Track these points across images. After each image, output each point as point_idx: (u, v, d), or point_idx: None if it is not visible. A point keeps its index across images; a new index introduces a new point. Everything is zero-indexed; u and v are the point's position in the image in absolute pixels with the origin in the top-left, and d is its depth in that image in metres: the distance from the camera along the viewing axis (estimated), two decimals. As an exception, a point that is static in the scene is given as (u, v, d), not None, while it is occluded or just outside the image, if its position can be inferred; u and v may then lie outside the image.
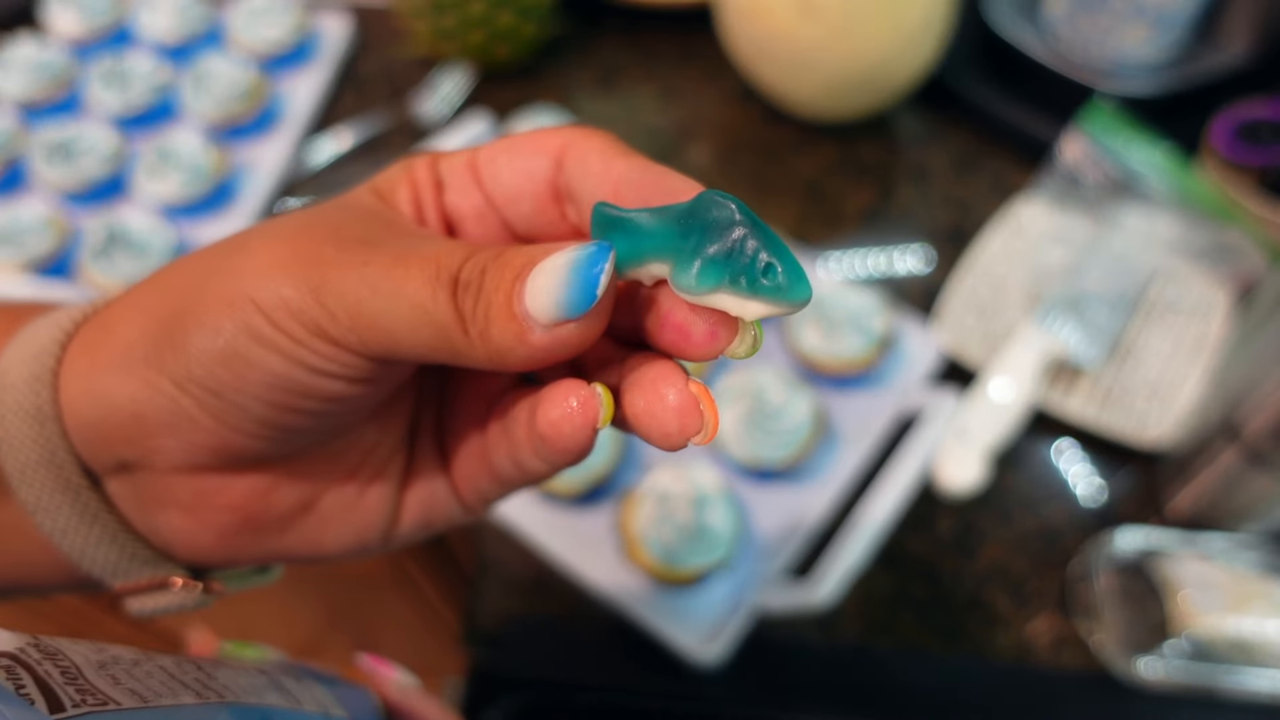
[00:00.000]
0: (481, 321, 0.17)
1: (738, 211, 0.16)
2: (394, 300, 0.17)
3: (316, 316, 0.17)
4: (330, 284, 0.17)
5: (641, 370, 0.17)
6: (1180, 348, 0.53)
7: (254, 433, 0.18)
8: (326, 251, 0.17)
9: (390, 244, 0.18)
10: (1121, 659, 0.42)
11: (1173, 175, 0.55)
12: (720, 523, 0.43)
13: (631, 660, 0.44)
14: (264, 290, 0.17)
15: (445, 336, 0.17)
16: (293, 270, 0.17)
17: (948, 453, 0.48)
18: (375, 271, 0.17)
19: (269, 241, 0.18)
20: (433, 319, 0.17)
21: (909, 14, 0.56)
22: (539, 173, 0.20)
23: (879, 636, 0.44)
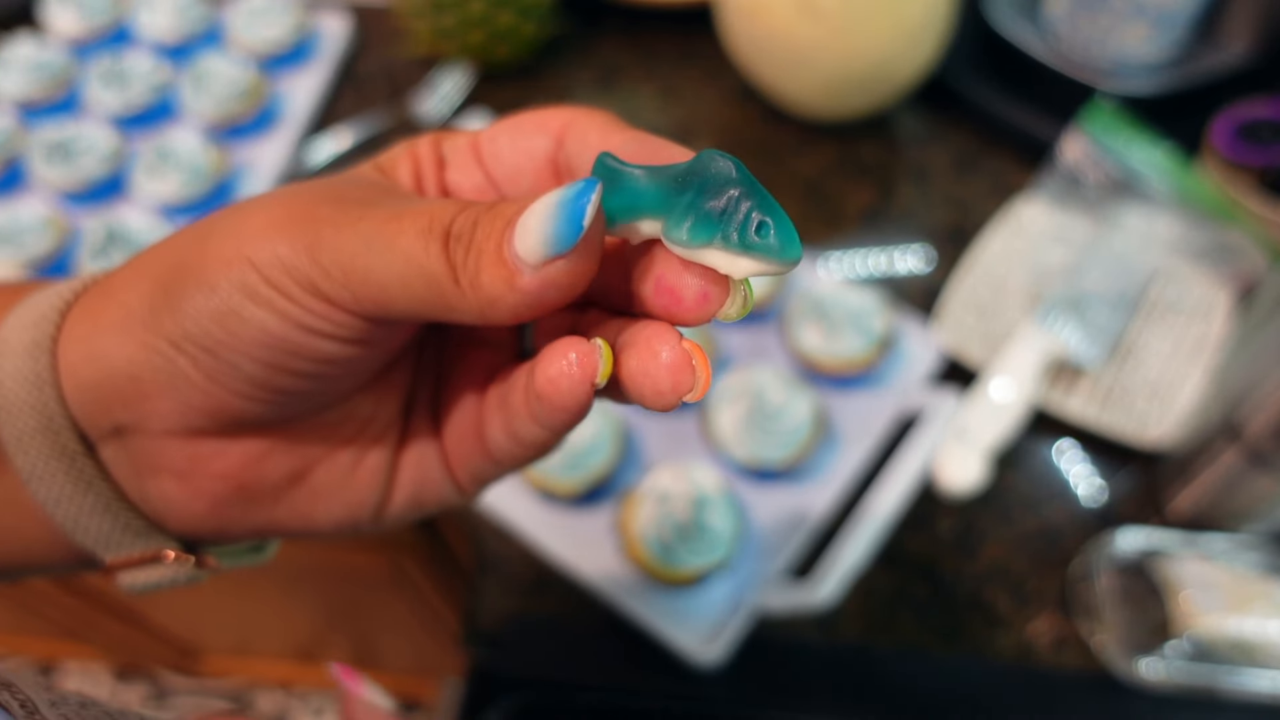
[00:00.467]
0: (472, 270, 0.17)
1: (735, 170, 0.16)
2: (387, 254, 0.17)
3: (311, 273, 0.17)
4: (325, 240, 0.17)
5: (634, 331, 0.18)
6: (1181, 348, 0.52)
7: (248, 394, 0.18)
8: (322, 211, 0.18)
9: (386, 204, 0.18)
10: (1122, 659, 0.42)
11: (1173, 175, 0.55)
12: (720, 523, 0.43)
13: (631, 660, 0.44)
14: (260, 249, 0.17)
15: (437, 288, 0.17)
16: (288, 229, 0.17)
17: (948, 453, 0.48)
18: (369, 226, 0.17)
19: (266, 204, 0.18)
20: (425, 271, 0.17)
21: (909, 13, 0.56)
22: (540, 151, 0.20)
23: (879, 636, 0.44)
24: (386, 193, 0.19)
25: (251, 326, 0.17)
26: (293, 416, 0.20)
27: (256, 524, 0.21)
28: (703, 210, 0.16)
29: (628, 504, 0.46)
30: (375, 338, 0.19)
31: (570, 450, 0.45)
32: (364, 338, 0.18)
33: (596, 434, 0.46)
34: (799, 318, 0.51)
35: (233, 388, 0.18)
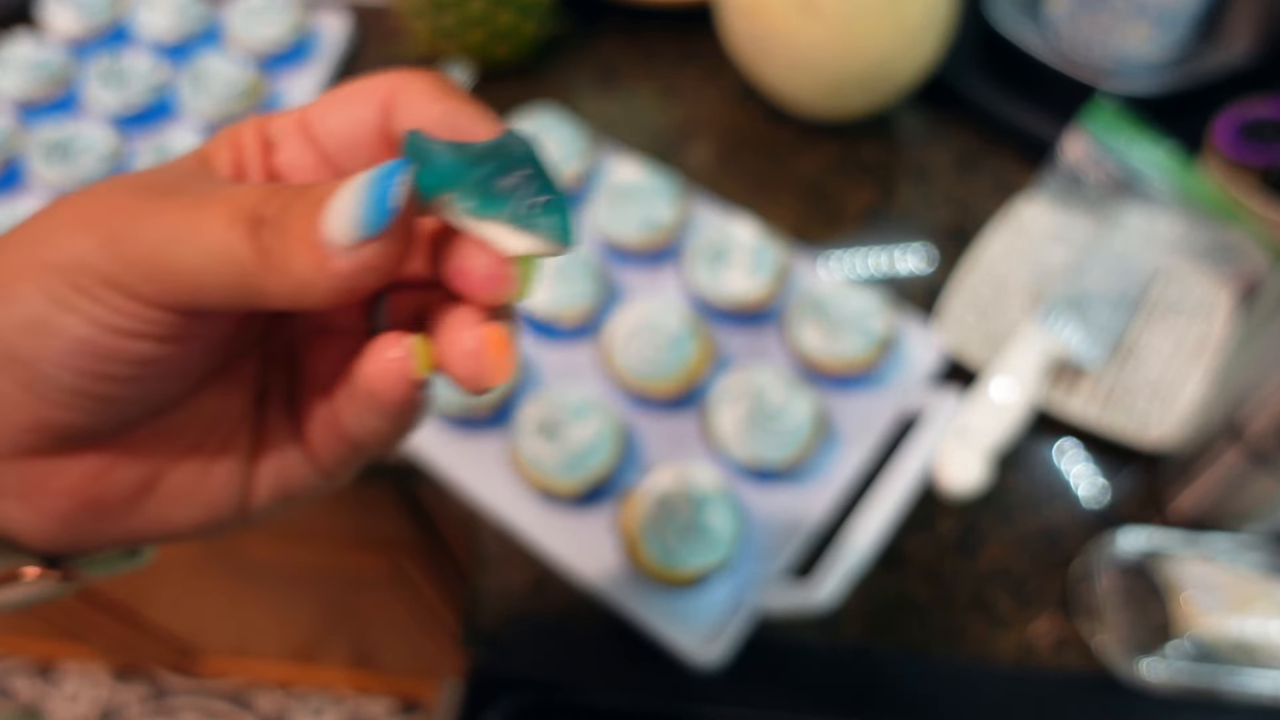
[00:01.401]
0: (281, 255, 0.16)
1: (531, 152, 0.17)
2: (191, 243, 0.16)
3: (113, 270, 0.16)
4: (125, 233, 0.16)
5: (445, 316, 0.18)
6: (1182, 348, 0.52)
7: (69, 404, 0.17)
8: (124, 202, 0.17)
9: (192, 191, 0.17)
10: (1124, 660, 0.42)
11: (1175, 175, 0.55)
12: (720, 523, 0.43)
13: (631, 661, 0.44)
14: (60, 250, 0.17)
15: (245, 276, 0.17)
16: (90, 224, 0.17)
17: (949, 453, 0.48)
18: (172, 216, 0.17)
19: (71, 202, 0.18)
20: (231, 258, 0.16)
21: (910, 13, 0.56)
22: (370, 120, 0.19)
23: (880, 638, 0.44)
24: (197, 179, 0.18)
25: (60, 335, 0.17)
26: (126, 424, 0.19)
27: (113, 535, 0.20)
28: (493, 187, 0.17)
29: (628, 504, 0.46)
30: (191, 332, 0.18)
31: (570, 451, 0.45)
32: (178, 334, 0.18)
33: (596, 434, 0.45)
34: (799, 318, 0.51)
35: (52, 399, 0.17)
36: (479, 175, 0.17)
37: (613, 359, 0.50)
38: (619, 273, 0.58)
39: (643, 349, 0.48)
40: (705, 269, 0.53)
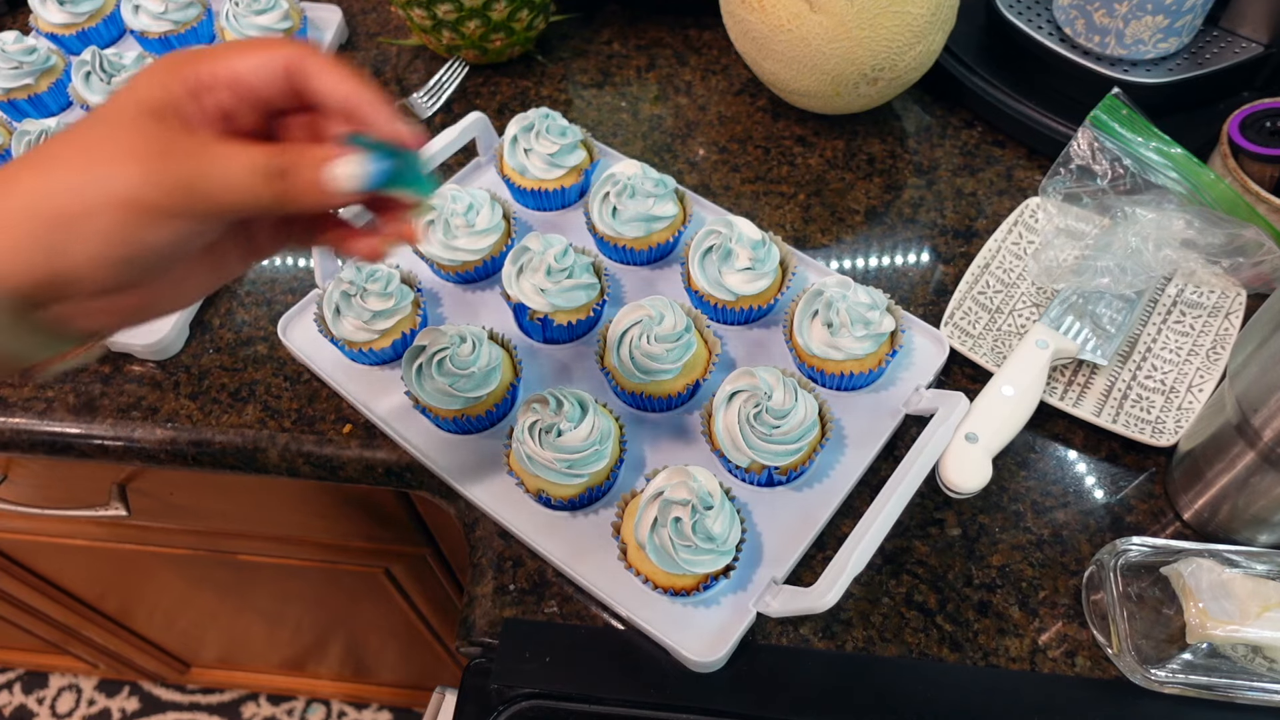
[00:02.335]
0: (294, 194, 0.29)
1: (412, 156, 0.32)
2: (223, 183, 0.28)
3: (156, 198, 0.27)
4: (167, 173, 0.27)
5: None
6: (1196, 348, 0.51)
7: (126, 280, 0.28)
8: (155, 143, 0.27)
9: (186, 142, 0.28)
10: (1136, 668, 0.41)
11: (1187, 170, 0.53)
12: (722, 527, 0.42)
13: (631, 667, 0.43)
14: (116, 185, 0.26)
15: (262, 205, 0.28)
16: (136, 158, 0.27)
17: (956, 454, 0.47)
18: (195, 163, 0.27)
19: (106, 136, 0.27)
20: (254, 196, 0.28)
21: (915, 5, 0.55)
22: (275, 79, 0.30)
23: (885, 644, 0.43)
24: (173, 128, 0.28)
25: (122, 248, 0.27)
26: (152, 276, 0.29)
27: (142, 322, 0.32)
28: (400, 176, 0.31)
29: (627, 508, 0.45)
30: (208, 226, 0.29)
31: (568, 453, 0.44)
32: (200, 230, 0.29)
33: (595, 436, 0.44)
34: (802, 317, 0.50)
35: (116, 280, 0.28)
36: (396, 170, 0.30)
37: (611, 359, 0.48)
38: (618, 271, 0.57)
39: (642, 349, 0.47)
40: (706, 267, 0.52)
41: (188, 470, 0.55)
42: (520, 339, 0.54)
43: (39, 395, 0.55)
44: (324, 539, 0.75)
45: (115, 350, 0.56)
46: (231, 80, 0.29)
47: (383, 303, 0.51)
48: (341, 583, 0.82)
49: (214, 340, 0.57)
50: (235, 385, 0.54)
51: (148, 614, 1.05)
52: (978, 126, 0.65)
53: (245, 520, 0.73)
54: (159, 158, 0.27)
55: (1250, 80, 0.60)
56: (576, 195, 0.60)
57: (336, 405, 0.53)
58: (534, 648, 0.44)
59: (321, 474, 0.53)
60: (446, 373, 0.47)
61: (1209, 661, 0.40)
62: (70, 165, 0.26)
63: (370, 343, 0.51)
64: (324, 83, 0.30)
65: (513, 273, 0.52)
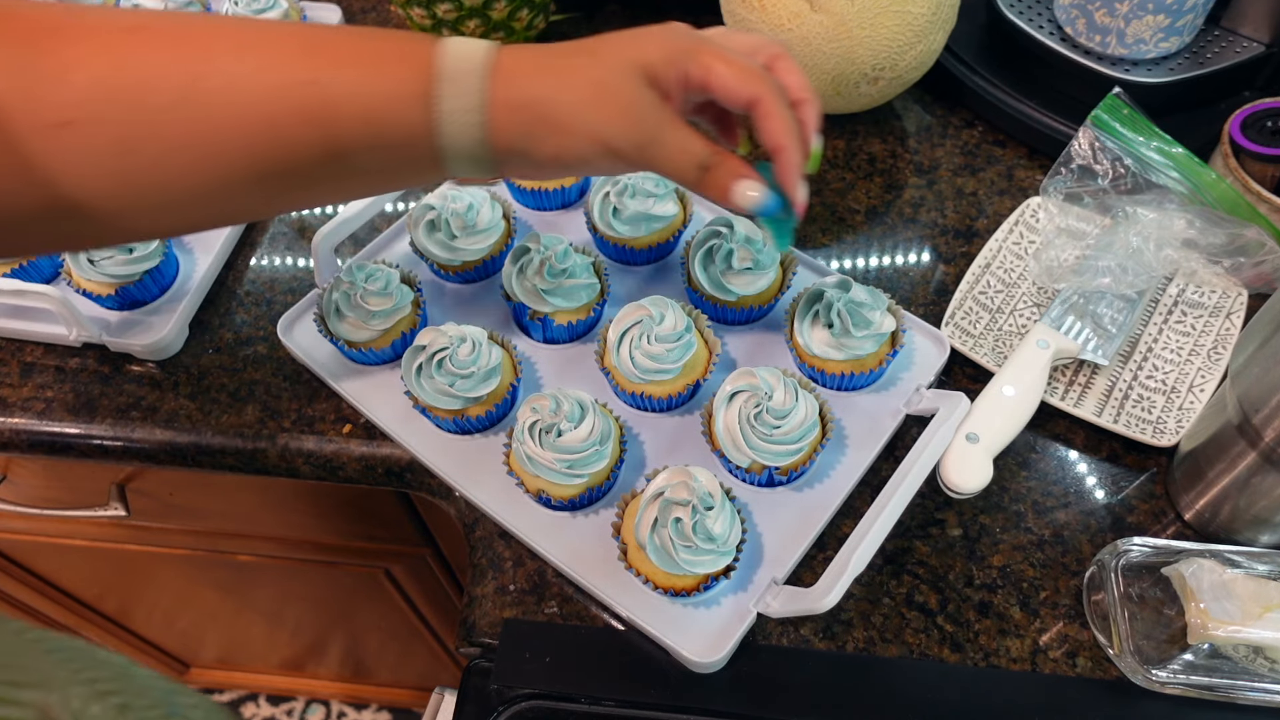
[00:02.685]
0: (706, 186, 0.37)
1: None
2: (670, 161, 0.36)
3: (626, 152, 0.35)
4: (641, 139, 0.35)
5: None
6: (1197, 348, 0.51)
7: (558, 173, 0.38)
8: (640, 111, 0.35)
9: (660, 120, 0.36)
10: (1138, 668, 0.41)
11: (1188, 169, 0.53)
12: (722, 528, 0.41)
13: (632, 668, 0.43)
14: (605, 130, 0.34)
15: (685, 182, 0.37)
16: (627, 127, 0.35)
17: (956, 454, 0.47)
18: (660, 149, 0.36)
19: (616, 98, 0.35)
20: (684, 176, 0.37)
21: (916, 4, 0.55)
22: (736, 100, 0.37)
23: (886, 644, 0.43)
24: (659, 108, 0.36)
25: (574, 162, 0.35)
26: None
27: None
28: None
29: (628, 509, 0.45)
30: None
31: (568, 453, 0.44)
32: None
33: (595, 437, 0.44)
34: (803, 317, 0.49)
35: (551, 172, 0.37)
36: (777, 217, 0.40)
37: (612, 359, 0.48)
38: (618, 271, 0.57)
39: (642, 349, 0.47)
40: (706, 267, 0.52)
41: (187, 470, 0.54)
42: (520, 339, 0.54)
43: (38, 395, 0.55)
44: (323, 539, 0.75)
45: (114, 350, 0.56)
46: (715, 79, 0.36)
47: (382, 302, 0.51)
48: (341, 583, 0.82)
49: (214, 340, 0.57)
50: (235, 385, 0.54)
51: (147, 614, 1.05)
52: (978, 126, 0.65)
53: (245, 521, 0.73)
54: (638, 123, 0.34)
55: (1251, 80, 0.60)
56: (577, 195, 0.60)
57: (336, 405, 0.53)
58: (534, 648, 0.44)
59: (321, 474, 0.53)
60: (446, 373, 0.47)
61: (1210, 662, 0.40)
62: (575, 89, 0.34)
63: (370, 342, 0.51)
64: (786, 77, 0.39)
65: (513, 272, 0.51)
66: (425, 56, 0.33)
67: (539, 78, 0.34)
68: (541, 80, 0.34)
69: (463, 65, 0.33)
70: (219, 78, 0.31)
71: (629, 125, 0.34)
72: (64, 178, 0.30)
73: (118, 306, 0.56)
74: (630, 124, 0.34)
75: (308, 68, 0.32)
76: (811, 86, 0.39)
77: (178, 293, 0.57)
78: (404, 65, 0.33)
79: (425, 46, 0.33)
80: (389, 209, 0.63)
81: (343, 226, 0.53)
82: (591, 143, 0.34)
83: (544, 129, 0.34)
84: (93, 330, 0.54)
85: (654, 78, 0.35)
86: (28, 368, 0.56)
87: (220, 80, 0.31)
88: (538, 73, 0.34)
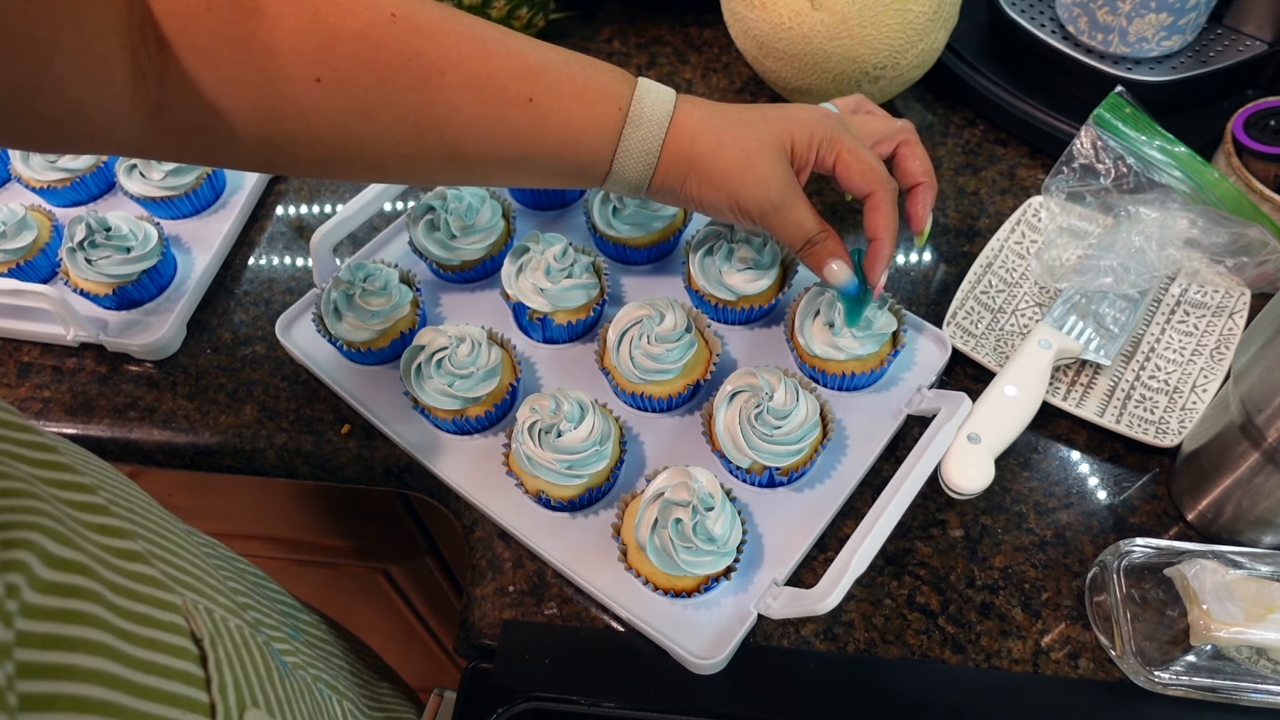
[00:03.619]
0: (806, 257, 0.44)
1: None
2: (783, 229, 0.42)
3: (737, 208, 0.41)
4: (771, 215, 0.42)
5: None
6: (1200, 348, 0.51)
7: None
8: (774, 187, 0.41)
9: (791, 195, 0.42)
10: (1140, 670, 0.40)
11: (1191, 168, 0.53)
12: (723, 528, 0.41)
13: (632, 669, 0.43)
14: (748, 205, 0.41)
15: (795, 248, 0.43)
16: (767, 194, 0.41)
17: (958, 455, 0.46)
18: (780, 218, 0.42)
19: (760, 168, 0.40)
20: (792, 244, 0.43)
21: (918, 3, 0.55)
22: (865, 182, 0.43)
23: (887, 645, 0.43)
24: (792, 184, 0.42)
25: (709, 210, 0.42)
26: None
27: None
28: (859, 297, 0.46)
29: (628, 509, 0.44)
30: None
31: (568, 454, 0.43)
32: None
33: (595, 437, 0.44)
34: (804, 317, 0.49)
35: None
36: (853, 296, 0.46)
37: (612, 359, 0.48)
38: (617, 270, 0.56)
39: (643, 349, 0.47)
40: (706, 266, 0.51)
41: (185, 471, 0.54)
42: (519, 339, 0.53)
43: (35, 395, 0.54)
44: (322, 540, 0.75)
45: (112, 350, 0.55)
46: (841, 171, 0.42)
47: (381, 302, 0.50)
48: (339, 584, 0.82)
49: (212, 340, 0.56)
50: (233, 385, 0.54)
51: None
52: (980, 125, 0.64)
53: (243, 522, 0.73)
54: (768, 194, 0.40)
55: (1254, 78, 0.59)
56: (577, 194, 0.60)
57: (335, 405, 0.53)
58: (533, 650, 0.43)
59: (319, 475, 0.53)
60: (445, 373, 0.47)
61: (1213, 664, 0.40)
62: (727, 154, 0.40)
63: (369, 342, 0.51)
64: (909, 161, 0.45)
65: (512, 272, 0.51)
66: (624, 100, 0.39)
67: (702, 138, 0.40)
68: (704, 141, 0.40)
69: (651, 115, 0.39)
70: (457, 75, 0.36)
71: (761, 194, 0.40)
72: (298, 122, 0.35)
73: (115, 306, 0.56)
74: (762, 194, 0.40)
75: (530, 85, 0.37)
76: (933, 171, 0.46)
77: (175, 292, 0.57)
78: (608, 104, 0.39)
79: (625, 88, 0.39)
80: (387, 208, 0.63)
81: (341, 226, 0.53)
82: (728, 200, 0.40)
83: (694, 179, 0.40)
84: (90, 330, 0.54)
85: (794, 154, 0.41)
86: (25, 368, 0.56)
87: (457, 79, 0.36)
88: (703, 134, 0.40)
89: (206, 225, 0.61)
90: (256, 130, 0.35)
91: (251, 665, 0.29)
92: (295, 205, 0.64)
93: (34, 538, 0.22)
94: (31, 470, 0.25)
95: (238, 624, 0.30)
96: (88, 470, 0.29)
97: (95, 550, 0.24)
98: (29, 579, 0.21)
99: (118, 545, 0.26)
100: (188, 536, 0.33)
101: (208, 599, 0.29)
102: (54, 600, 0.21)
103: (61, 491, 0.25)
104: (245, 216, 0.62)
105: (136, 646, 0.23)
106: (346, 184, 0.65)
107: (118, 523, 0.27)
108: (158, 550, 0.29)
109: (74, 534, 0.24)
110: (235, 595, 0.32)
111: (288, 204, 0.64)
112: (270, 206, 0.64)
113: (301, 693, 0.34)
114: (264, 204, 0.64)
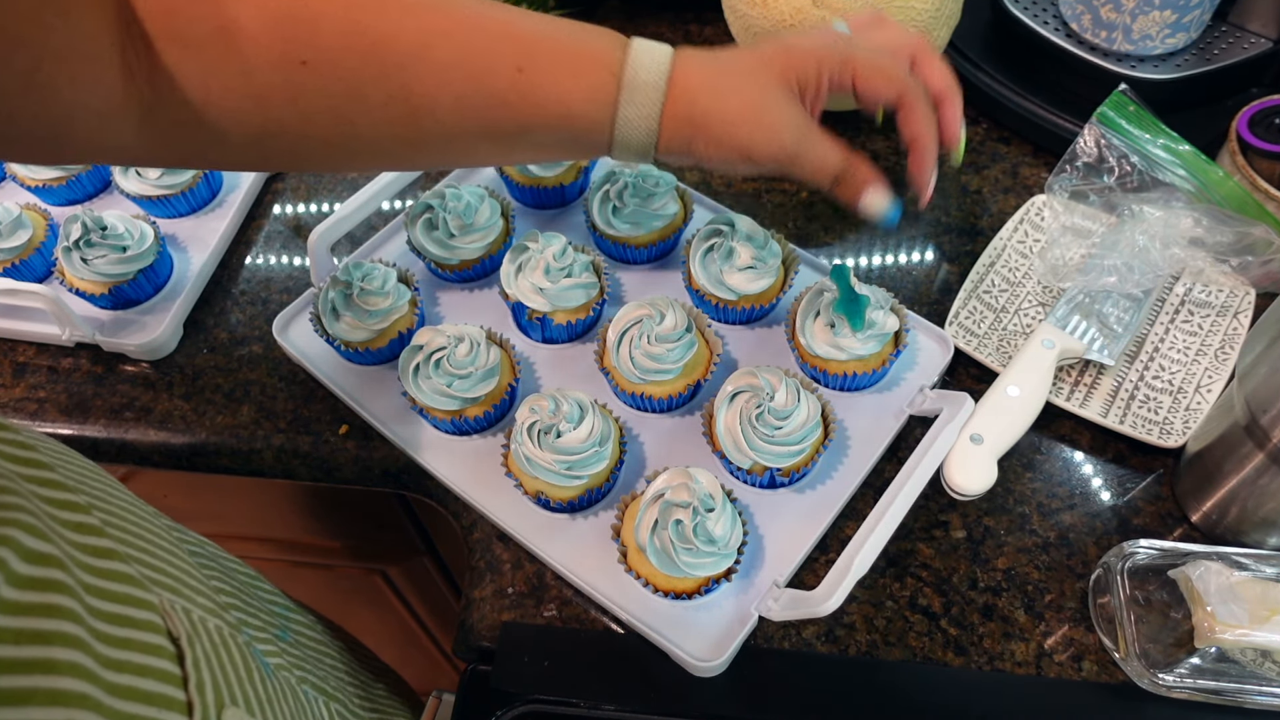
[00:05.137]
0: (839, 193, 0.40)
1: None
2: (807, 169, 0.39)
3: (782, 164, 0.39)
4: (762, 145, 0.38)
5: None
6: (1205, 348, 0.51)
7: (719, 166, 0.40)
8: (773, 117, 0.38)
9: (810, 144, 0.39)
10: (1144, 672, 0.40)
11: (1195, 167, 0.53)
12: (723, 529, 0.41)
13: (632, 672, 0.42)
14: (763, 152, 0.38)
15: (824, 185, 0.40)
16: (771, 139, 0.38)
17: (960, 456, 0.46)
18: (801, 162, 0.39)
19: (768, 114, 0.38)
20: (820, 181, 0.40)
21: (920, 0, 0.54)
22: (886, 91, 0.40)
23: (888, 648, 0.43)
24: (797, 111, 0.39)
25: (720, 166, 0.39)
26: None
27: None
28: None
29: (627, 510, 0.44)
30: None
31: (567, 454, 0.43)
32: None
33: (595, 438, 0.44)
34: (805, 316, 0.49)
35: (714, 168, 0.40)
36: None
37: (611, 359, 0.48)
38: (617, 270, 0.56)
39: (643, 349, 0.46)
40: (707, 266, 0.51)
41: (181, 472, 0.54)
42: (519, 338, 0.53)
43: (30, 396, 0.54)
44: (319, 542, 0.74)
45: (108, 350, 0.55)
46: (861, 85, 0.39)
47: (379, 302, 0.50)
48: (337, 586, 0.81)
49: (208, 340, 0.56)
50: (230, 385, 0.54)
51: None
52: (983, 123, 0.64)
53: (240, 523, 0.73)
54: (780, 142, 0.38)
55: (1259, 76, 0.59)
56: (576, 193, 0.59)
57: (332, 406, 0.52)
58: (533, 651, 0.43)
59: (317, 475, 0.52)
60: (444, 373, 0.46)
61: (1217, 666, 0.40)
62: (730, 109, 0.37)
63: (367, 342, 0.50)
64: (929, 76, 0.42)
65: (511, 271, 0.51)
66: (617, 63, 0.37)
67: (703, 97, 0.38)
68: (705, 98, 0.38)
69: (647, 78, 0.37)
70: (444, 49, 0.35)
71: (774, 146, 0.38)
72: (289, 108, 0.34)
73: (111, 306, 0.56)
74: (775, 145, 0.38)
75: (518, 54, 0.36)
76: (955, 83, 0.42)
77: (172, 292, 0.57)
78: (600, 71, 0.37)
79: (617, 52, 0.37)
80: (385, 207, 0.62)
81: (339, 225, 0.52)
82: (740, 156, 0.38)
83: (701, 139, 0.38)
84: (86, 330, 0.54)
85: (802, 90, 0.39)
86: (20, 368, 0.55)
87: (446, 54, 0.35)
88: (702, 91, 0.38)
89: (203, 224, 0.61)
90: (249, 121, 0.34)
91: (230, 665, 0.29)
92: (292, 204, 0.64)
93: (11, 533, 0.22)
94: (10, 467, 0.24)
95: (217, 624, 0.29)
96: (68, 470, 0.29)
97: (70, 548, 0.24)
98: (5, 574, 0.21)
99: (94, 543, 0.26)
100: (171, 535, 0.33)
101: (185, 599, 0.29)
102: (30, 595, 0.21)
103: (39, 489, 0.25)
104: (242, 215, 0.62)
105: (111, 646, 0.23)
106: (344, 183, 0.65)
107: (96, 521, 0.27)
108: (136, 550, 0.29)
109: (50, 531, 0.24)
110: (218, 595, 0.32)
111: (285, 203, 0.64)
112: (267, 205, 0.63)
113: (284, 693, 0.33)
114: (261, 203, 0.64)
